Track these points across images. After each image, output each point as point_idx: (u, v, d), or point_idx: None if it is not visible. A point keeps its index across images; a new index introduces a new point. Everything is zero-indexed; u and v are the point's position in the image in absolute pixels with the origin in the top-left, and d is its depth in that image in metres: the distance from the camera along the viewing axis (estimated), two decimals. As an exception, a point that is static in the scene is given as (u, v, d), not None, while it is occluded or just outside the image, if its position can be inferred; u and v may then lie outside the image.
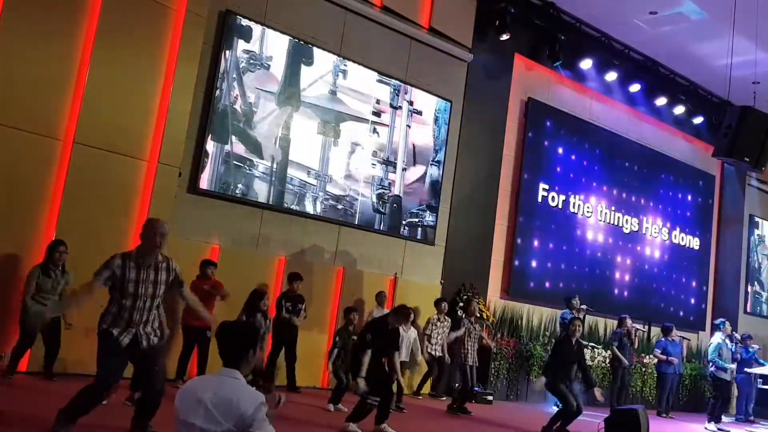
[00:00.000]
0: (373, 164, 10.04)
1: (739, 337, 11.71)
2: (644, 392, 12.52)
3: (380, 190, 10.08)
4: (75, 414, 4.55)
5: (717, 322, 11.18)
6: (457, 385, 8.77)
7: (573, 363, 7.87)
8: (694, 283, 14.89)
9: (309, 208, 9.38)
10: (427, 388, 9.93)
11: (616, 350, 10.70)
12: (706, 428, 10.27)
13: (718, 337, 10.59)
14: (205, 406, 2.72)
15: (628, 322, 11.00)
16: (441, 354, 9.53)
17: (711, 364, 10.37)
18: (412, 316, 6.76)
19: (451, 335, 9.05)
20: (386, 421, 6.41)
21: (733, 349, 10.88)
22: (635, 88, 13.30)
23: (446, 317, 9.67)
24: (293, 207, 9.23)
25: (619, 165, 13.56)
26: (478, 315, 9.13)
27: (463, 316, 8.94)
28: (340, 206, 9.67)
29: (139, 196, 7.65)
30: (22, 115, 6.96)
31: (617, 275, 13.35)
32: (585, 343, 9.98)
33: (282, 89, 9.21)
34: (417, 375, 9.88)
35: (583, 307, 10.64)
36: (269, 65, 9.11)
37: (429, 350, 9.59)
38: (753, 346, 11.95)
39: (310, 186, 9.40)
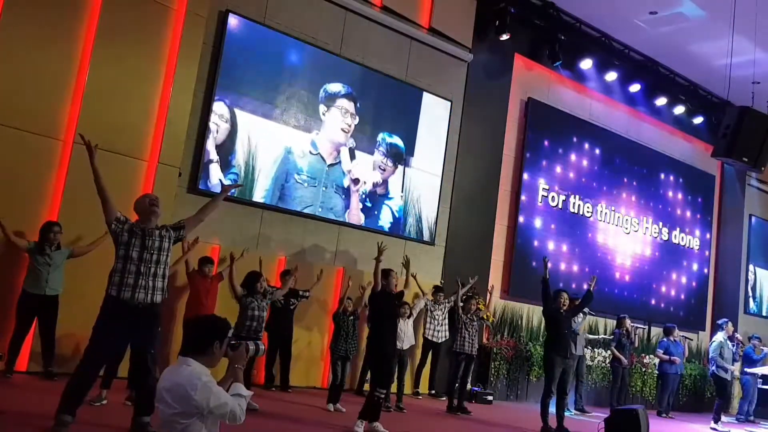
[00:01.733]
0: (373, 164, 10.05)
1: (740, 337, 11.70)
2: (644, 392, 12.52)
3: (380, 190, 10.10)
4: (72, 402, 4.54)
5: (720, 321, 11.19)
6: (453, 377, 8.81)
7: (568, 332, 8.03)
8: (694, 283, 14.89)
9: (309, 208, 9.38)
10: (425, 387, 9.94)
11: (615, 350, 10.70)
12: (712, 428, 10.27)
13: (720, 336, 10.59)
14: (162, 391, 2.99)
15: (627, 322, 11.00)
16: (440, 341, 9.57)
17: (712, 362, 10.37)
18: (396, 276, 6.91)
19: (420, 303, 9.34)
20: (378, 420, 6.40)
21: (734, 350, 10.87)
22: (635, 88, 13.30)
23: (444, 300, 9.66)
24: (293, 207, 9.23)
25: (619, 165, 13.56)
26: (476, 309, 9.12)
27: (461, 312, 8.91)
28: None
29: (139, 196, 7.63)
30: (22, 115, 6.96)
31: (617, 275, 13.34)
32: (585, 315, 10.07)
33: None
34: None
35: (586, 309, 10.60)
36: (269, 65, 9.11)
37: (427, 335, 9.61)
38: (762, 348, 11.96)
39: (310, 186, 9.42)
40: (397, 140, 10.30)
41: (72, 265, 6.94)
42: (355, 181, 9.80)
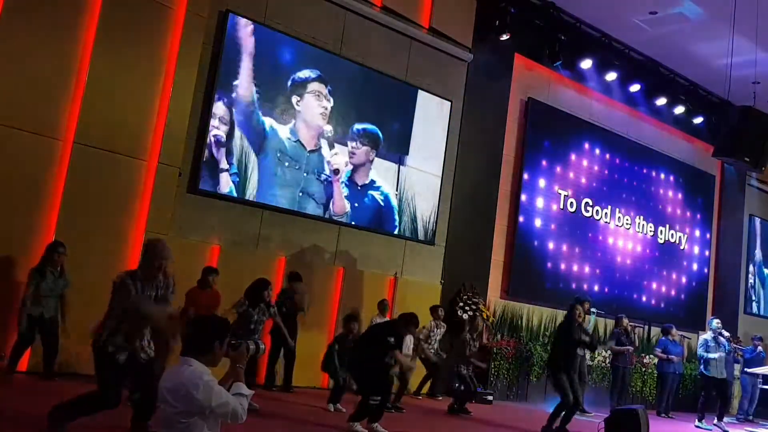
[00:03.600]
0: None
1: (727, 335, 11.62)
2: (644, 392, 12.52)
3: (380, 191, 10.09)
4: (72, 415, 4.53)
5: (708, 320, 11.22)
6: (457, 385, 8.79)
7: (576, 350, 7.95)
8: (694, 283, 14.89)
9: (309, 209, 9.38)
10: (425, 388, 9.93)
11: (615, 347, 10.69)
12: (696, 426, 10.28)
13: (707, 335, 10.59)
14: (164, 391, 3.01)
15: (625, 321, 10.99)
16: (435, 359, 9.56)
17: (700, 361, 10.37)
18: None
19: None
20: (379, 421, 6.45)
21: (725, 347, 10.79)
22: (635, 88, 13.29)
23: (443, 323, 9.59)
24: (293, 207, 9.22)
25: (619, 165, 13.56)
26: (481, 329, 9.14)
27: (467, 328, 8.92)
28: (340, 206, 9.68)
29: (139, 196, 7.64)
30: (22, 115, 6.96)
31: (617, 275, 13.34)
32: (593, 316, 10.18)
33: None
34: (416, 377, 9.83)
35: (593, 310, 10.59)
36: (269, 65, 9.11)
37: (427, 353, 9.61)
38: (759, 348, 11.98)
39: (310, 186, 9.41)
40: (371, 126, 9.99)
41: (78, 269, 6.86)
42: (335, 171, 9.58)
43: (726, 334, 10.76)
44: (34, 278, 6.56)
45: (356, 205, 9.79)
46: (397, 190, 10.28)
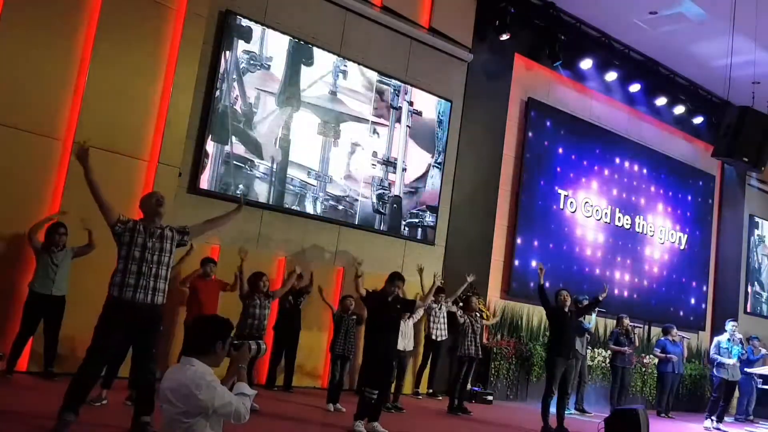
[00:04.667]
0: (373, 165, 10.04)
1: (740, 336, 11.64)
2: (644, 392, 12.52)
3: (380, 191, 10.09)
4: (74, 401, 4.56)
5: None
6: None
7: (572, 332, 7.93)
8: (694, 283, 14.88)
9: (309, 209, 9.39)
10: (424, 387, 9.93)
11: (615, 347, 10.69)
12: (705, 427, 10.28)
13: (722, 337, 10.59)
14: (166, 391, 3.01)
15: (625, 321, 10.99)
16: (441, 339, 9.58)
17: (713, 363, 10.39)
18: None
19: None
20: (378, 420, 6.42)
21: (731, 349, 10.78)
22: (635, 88, 13.31)
23: (444, 300, 9.68)
24: (293, 207, 9.23)
25: (619, 165, 13.56)
26: (478, 312, 9.11)
27: (463, 312, 8.92)
28: (340, 207, 9.68)
29: (139, 196, 7.59)
30: (22, 115, 6.95)
31: (617, 275, 13.34)
32: (593, 315, 10.18)
33: (282, 90, 9.21)
34: (411, 375, 9.84)
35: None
36: (269, 65, 9.12)
37: (430, 333, 9.62)
38: (761, 349, 11.95)
39: (311, 186, 9.41)
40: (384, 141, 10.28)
41: (77, 267, 6.91)
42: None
43: (739, 336, 10.76)
44: (43, 250, 6.69)
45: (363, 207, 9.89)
46: (398, 191, 10.30)
